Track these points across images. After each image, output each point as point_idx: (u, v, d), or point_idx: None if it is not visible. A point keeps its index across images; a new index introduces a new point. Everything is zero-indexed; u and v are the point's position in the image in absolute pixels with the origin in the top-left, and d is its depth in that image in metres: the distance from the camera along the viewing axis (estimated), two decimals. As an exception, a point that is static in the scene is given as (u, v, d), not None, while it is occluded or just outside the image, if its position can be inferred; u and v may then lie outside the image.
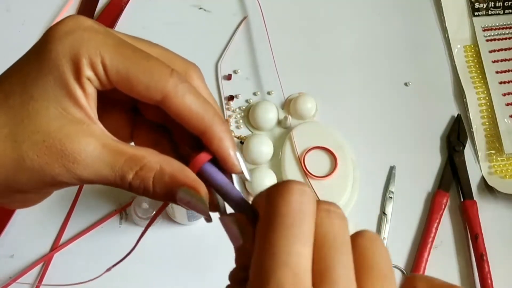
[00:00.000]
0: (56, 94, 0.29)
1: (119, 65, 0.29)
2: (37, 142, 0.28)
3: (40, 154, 0.28)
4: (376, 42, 0.70)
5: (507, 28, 0.71)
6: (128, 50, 0.29)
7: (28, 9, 0.68)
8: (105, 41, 0.29)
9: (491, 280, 0.57)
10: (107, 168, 0.29)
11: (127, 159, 0.29)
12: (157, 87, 0.29)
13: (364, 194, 0.62)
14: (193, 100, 0.30)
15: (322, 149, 0.62)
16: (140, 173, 0.29)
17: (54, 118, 0.29)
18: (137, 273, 0.56)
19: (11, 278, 0.55)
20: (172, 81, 0.29)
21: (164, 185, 0.29)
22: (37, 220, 0.58)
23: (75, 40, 0.29)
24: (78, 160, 0.29)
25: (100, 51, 0.29)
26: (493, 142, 0.65)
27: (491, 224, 0.61)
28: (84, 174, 0.29)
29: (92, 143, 0.29)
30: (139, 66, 0.29)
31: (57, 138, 0.28)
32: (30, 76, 0.29)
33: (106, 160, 0.29)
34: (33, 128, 0.28)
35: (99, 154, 0.29)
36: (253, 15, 0.69)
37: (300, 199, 0.25)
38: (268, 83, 0.66)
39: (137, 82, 0.29)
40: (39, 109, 0.28)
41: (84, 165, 0.29)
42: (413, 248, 0.60)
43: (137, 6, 0.68)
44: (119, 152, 0.29)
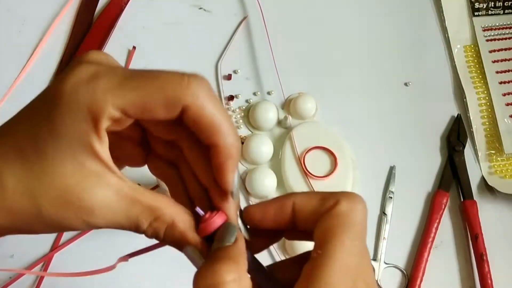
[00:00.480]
0: (72, 150, 0.29)
1: (132, 98, 0.28)
2: (54, 197, 0.29)
3: (58, 209, 0.29)
4: (376, 42, 0.70)
5: (507, 28, 0.71)
6: (135, 79, 0.29)
7: (28, 9, 0.68)
8: (110, 84, 0.28)
9: (491, 280, 0.57)
10: (123, 217, 0.30)
11: (143, 210, 0.31)
12: (175, 100, 0.29)
13: (364, 194, 0.61)
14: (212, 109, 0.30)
15: (322, 149, 0.62)
16: (154, 224, 0.31)
17: (71, 174, 0.29)
18: (137, 273, 0.56)
19: (11, 278, 0.55)
20: (190, 91, 0.29)
21: (173, 239, 0.32)
22: (37, 220, 0.58)
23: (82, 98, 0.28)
24: (95, 213, 0.29)
25: (110, 97, 0.28)
26: (493, 142, 0.65)
27: (491, 224, 0.61)
28: (100, 224, 0.30)
29: (109, 195, 0.30)
30: (150, 88, 0.29)
31: (74, 193, 0.29)
32: (43, 132, 0.29)
33: (122, 210, 0.30)
34: (49, 183, 0.29)
35: (116, 205, 0.30)
36: (253, 15, 0.69)
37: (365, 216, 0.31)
38: (268, 83, 0.66)
39: (155, 105, 0.29)
40: (55, 165, 0.29)
41: (101, 217, 0.30)
42: (413, 248, 0.60)
43: (137, 6, 0.68)
44: (135, 202, 0.30)
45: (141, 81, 0.29)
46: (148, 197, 0.31)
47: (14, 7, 0.68)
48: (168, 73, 0.29)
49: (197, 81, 0.29)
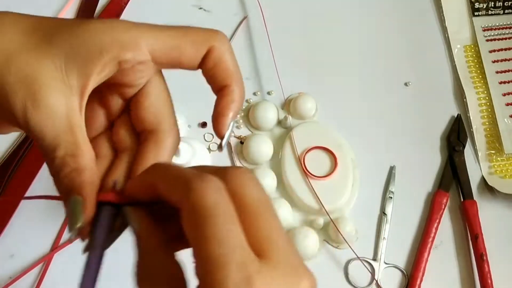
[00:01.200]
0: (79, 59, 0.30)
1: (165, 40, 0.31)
2: (22, 72, 0.30)
3: (16, 82, 0.29)
4: (376, 42, 0.70)
5: (507, 28, 0.71)
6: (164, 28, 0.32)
7: (28, 9, 0.67)
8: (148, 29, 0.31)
9: (491, 280, 0.57)
10: (52, 133, 0.30)
11: (72, 142, 0.30)
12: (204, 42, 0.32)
13: (364, 194, 0.61)
14: (232, 59, 0.33)
15: (322, 149, 0.62)
16: (67, 158, 0.30)
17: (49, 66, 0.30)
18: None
19: (11, 278, 0.55)
20: (220, 36, 0.33)
21: (70, 183, 0.30)
22: (37, 220, 0.58)
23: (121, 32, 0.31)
24: (38, 108, 0.29)
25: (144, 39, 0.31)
26: (493, 142, 0.65)
27: (491, 224, 0.61)
28: (32, 121, 0.30)
29: (61, 107, 0.30)
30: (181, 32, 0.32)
31: (38, 80, 0.30)
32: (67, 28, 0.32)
33: (58, 127, 0.30)
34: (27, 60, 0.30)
35: (57, 119, 0.30)
36: (253, 15, 0.69)
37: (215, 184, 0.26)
38: (268, 83, 0.66)
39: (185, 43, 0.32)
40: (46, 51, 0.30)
41: (39, 116, 0.30)
42: (413, 248, 0.60)
43: (137, 6, 0.68)
44: (72, 133, 0.30)
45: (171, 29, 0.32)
46: (85, 140, 0.31)
47: (14, 7, 0.68)
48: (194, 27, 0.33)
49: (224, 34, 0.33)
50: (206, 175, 0.26)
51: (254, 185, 0.27)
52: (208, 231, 0.25)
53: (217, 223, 0.25)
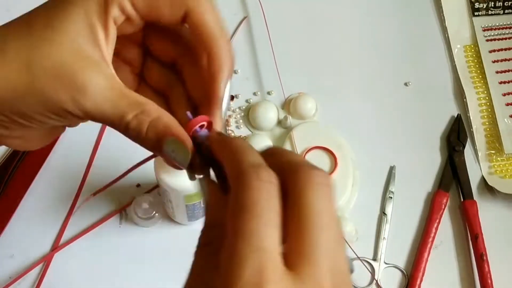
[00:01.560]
0: (77, 30, 0.30)
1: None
2: (51, 69, 0.30)
3: (51, 81, 0.30)
4: (376, 42, 0.70)
5: (507, 28, 0.71)
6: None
7: (28, 9, 0.68)
8: None
9: (491, 280, 0.57)
10: (111, 106, 0.31)
11: (130, 102, 0.31)
12: (181, 3, 0.31)
13: (364, 194, 0.61)
14: (211, 17, 0.32)
15: (322, 149, 0.62)
16: (139, 116, 0.31)
17: (71, 51, 0.30)
18: (137, 273, 0.56)
19: (11, 278, 0.55)
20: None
21: (156, 132, 0.31)
22: (37, 220, 0.58)
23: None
24: (85, 92, 0.30)
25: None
26: (493, 142, 0.65)
27: (491, 224, 0.61)
28: (88, 106, 0.30)
29: (102, 81, 0.30)
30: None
31: (70, 69, 0.30)
32: (56, 10, 0.31)
33: (111, 98, 0.31)
34: (49, 56, 0.30)
35: (106, 91, 0.30)
36: (253, 15, 0.69)
37: (269, 186, 0.25)
38: (268, 83, 0.66)
39: (162, 2, 0.31)
40: (59, 40, 0.30)
41: (90, 99, 0.30)
42: (413, 248, 0.60)
43: (137, 6, 0.68)
44: (125, 95, 0.31)
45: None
46: (137, 95, 0.32)
47: (14, 7, 0.68)
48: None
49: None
50: (265, 172, 0.26)
51: (321, 194, 0.25)
52: (240, 223, 0.25)
53: (251, 220, 0.24)
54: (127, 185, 0.59)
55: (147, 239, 0.58)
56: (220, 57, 0.33)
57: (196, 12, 0.32)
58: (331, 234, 0.25)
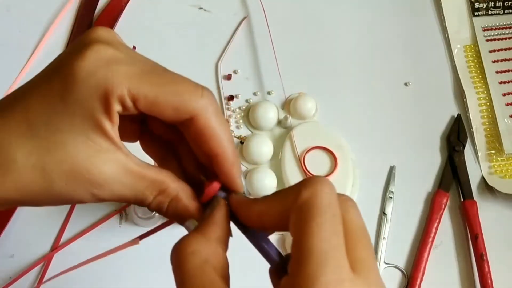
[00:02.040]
0: (83, 128, 0.30)
1: (147, 93, 0.30)
2: (65, 171, 0.30)
3: (68, 182, 0.30)
4: (376, 42, 0.70)
5: (507, 28, 0.71)
6: (154, 76, 0.30)
7: (28, 9, 0.68)
8: (129, 72, 0.30)
9: (491, 280, 0.57)
10: (129, 191, 0.31)
11: (149, 184, 0.32)
12: (187, 108, 0.30)
13: (364, 194, 0.62)
14: (218, 122, 0.32)
15: (322, 149, 0.62)
16: (158, 197, 0.32)
17: (81, 149, 0.30)
18: (137, 273, 0.56)
19: (11, 278, 0.55)
20: (203, 102, 0.31)
21: (176, 212, 0.33)
22: (37, 220, 0.58)
23: (100, 80, 0.29)
24: (103, 186, 0.30)
25: (127, 85, 0.29)
26: (493, 142, 0.65)
27: (491, 224, 0.61)
28: (107, 197, 0.31)
29: (117, 170, 0.31)
30: (167, 90, 0.30)
31: (84, 167, 0.30)
32: (55, 109, 0.29)
33: (129, 185, 0.31)
34: (60, 157, 0.29)
35: (123, 179, 0.31)
36: (253, 15, 0.69)
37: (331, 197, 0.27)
38: (268, 83, 0.66)
39: (166, 105, 0.30)
40: (66, 140, 0.29)
41: (108, 190, 0.31)
42: (413, 248, 0.60)
43: (137, 6, 0.68)
44: (142, 177, 0.31)
45: (160, 79, 0.30)
46: (153, 172, 0.32)
47: (14, 7, 0.68)
48: (185, 79, 0.31)
49: (210, 95, 0.31)
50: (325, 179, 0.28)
51: (356, 212, 0.29)
52: (316, 226, 0.26)
53: (327, 221, 0.26)
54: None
55: (147, 239, 0.57)
56: (229, 157, 0.33)
57: (203, 119, 0.31)
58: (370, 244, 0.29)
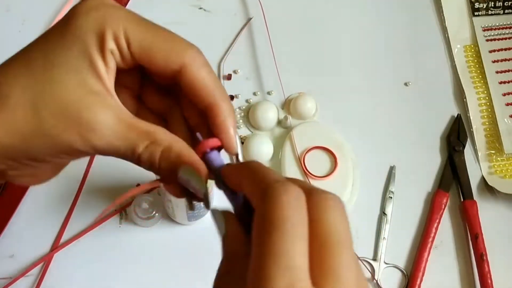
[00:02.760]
0: (78, 65, 0.30)
1: (141, 36, 0.31)
2: (57, 110, 0.29)
3: (59, 121, 0.29)
4: (376, 42, 0.70)
5: (507, 28, 0.71)
6: (149, 24, 0.31)
7: (28, 9, 0.68)
8: (127, 16, 0.31)
9: (491, 280, 0.57)
10: (120, 139, 0.30)
11: (140, 133, 0.31)
12: (177, 57, 0.31)
13: (364, 194, 0.62)
14: (207, 73, 0.32)
15: (322, 149, 0.62)
16: (150, 147, 0.31)
17: (74, 88, 0.30)
18: (137, 273, 0.56)
19: (11, 278, 0.55)
20: (191, 52, 0.31)
21: (169, 161, 0.31)
22: (37, 220, 0.58)
23: (99, 15, 0.30)
24: (94, 129, 0.30)
25: (123, 25, 0.30)
26: (493, 142, 0.65)
27: (491, 224, 0.61)
28: (98, 143, 0.30)
29: (109, 115, 0.30)
30: (160, 37, 0.31)
31: (75, 107, 0.29)
32: (54, 46, 0.30)
33: (120, 132, 0.30)
34: (53, 96, 0.29)
35: (114, 126, 0.30)
36: (254, 15, 0.69)
37: (296, 202, 0.25)
38: (268, 83, 0.66)
39: (158, 51, 0.31)
40: (60, 77, 0.30)
41: (99, 135, 0.30)
42: (413, 248, 0.60)
43: (137, 6, 0.68)
44: (133, 126, 0.31)
45: (154, 29, 0.31)
46: (145, 123, 0.31)
47: (14, 7, 0.68)
48: (176, 34, 0.32)
49: (198, 49, 0.32)
50: (292, 186, 0.25)
51: (336, 215, 0.26)
52: (269, 241, 0.24)
53: (281, 237, 0.24)
54: (127, 185, 0.59)
55: (147, 239, 0.58)
56: (223, 107, 0.32)
57: (191, 68, 0.31)
58: (351, 253, 0.26)
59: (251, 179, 0.27)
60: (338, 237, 0.25)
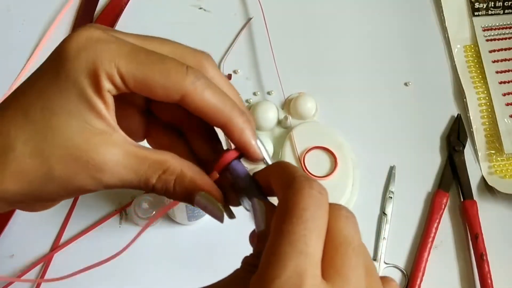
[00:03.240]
0: (78, 109, 0.29)
1: (135, 72, 0.29)
2: (64, 155, 0.29)
3: (68, 167, 0.29)
4: (376, 42, 0.70)
5: (507, 28, 0.71)
6: (142, 55, 0.30)
7: (28, 9, 0.68)
8: (118, 51, 0.29)
9: (491, 280, 0.57)
10: (132, 173, 0.30)
11: (151, 164, 0.31)
12: (175, 87, 0.30)
13: (364, 194, 0.62)
14: (211, 94, 0.31)
15: (322, 149, 0.62)
16: (163, 176, 0.31)
17: (78, 132, 0.29)
18: (137, 273, 0.56)
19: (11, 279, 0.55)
20: (189, 79, 0.30)
21: (184, 188, 0.31)
22: (37, 220, 0.58)
23: (90, 56, 0.29)
24: (104, 169, 0.30)
25: (115, 62, 0.29)
26: (493, 142, 0.65)
27: (491, 224, 0.61)
28: (110, 181, 0.30)
29: (116, 152, 0.30)
30: (154, 69, 0.30)
31: (83, 150, 0.29)
32: (49, 92, 0.29)
33: (131, 167, 0.30)
34: (58, 142, 0.29)
35: (124, 161, 0.30)
36: (254, 15, 0.69)
37: (320, 196, 0.26)
38: (268, 83, 0.66)
39: (154, 85, 0.30)
40: (62, 124, 0.29)
41: (110, 174, 0.30)
42: (413, 248, 0.60)
43: (137, 6, 0.68)
44: (143, 158, 0.31)
45: (148, 58, 0.30)
46: (154, 152, 0.31)
47: (14, 7, 0.68)
48: (171, 59, 0.31)
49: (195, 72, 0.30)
50: (318, 183, 0.27)
51: (348, 222, 0.27)
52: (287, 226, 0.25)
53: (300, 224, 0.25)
54: (127, 185, 0.59)
55: (147, 239, 0.58)
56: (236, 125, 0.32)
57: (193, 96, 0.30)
58: (360, 259, 0.27)
59: (280, 173, 0.28)
60: (352, 244, 0.26)
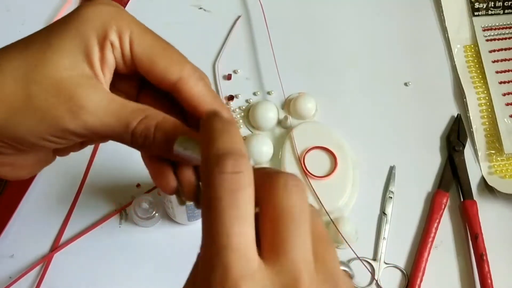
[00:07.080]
0: (73, 49, 0.30)
1: (146, 42, 0.32)
2: (48, 85, 0.30)
3: (49, 96, 0.29)
4: (376, 42, 0.70)
5: (507, 28, 0.71)
6: (154, 34, 0.33)
7: (28, 9, 0.68)
8: (136, 22, 0.32)
9: (491, 280, 0.57)
10: (113, 117, 0.30)
11: (133, 109, 0.31)
12: (176, 69, 0.31)
13: (364, 194, 0.61)
14: (204, 87, 0.32)
15: (322, 149, 0.62)
16: (144, 121, 0.31)
17: (68, 69, 0.30)
18: (137, 273, 0.56)
19: (11, 278, 0.55)
20: (190, 66, 0.32)
21: (164, 132, 0.30)
22: (37, 220, 0.58)
23: (109, 10, 0.31)
24: (85, 106, 0.30)
25: (130, 27, 0.31)
26: (493, 142, 0.65)
27: (491, 224, 0.61)
28: (90, 121, 0.30)
29: (100, 95, 0.30)
30: (162, 48, 0.32)
31: (67, 84, 0.30)
32: (54, 32, 0.31)
33: (112, 111, 0.30)
34: (45, 73, 0.30)
35: (106, 104, 0.30)
36: (253, 15, 0.69)
37: (233, 177, 0.24)
38: (268, 83, 0.66)
39: (159, 61, 0.31)
40: (55, 58, 0.30)
41: (90, 112, 0.30)
42: (413, 248, 0.60)
43: (137, 6, 0.68)
44: (125, 104, 0.31)
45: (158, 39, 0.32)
46: (138, 103, 0.32)
47: (14, 7, 0.68)
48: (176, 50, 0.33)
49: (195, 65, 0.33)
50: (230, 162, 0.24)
51: (286, 191, 0.25)
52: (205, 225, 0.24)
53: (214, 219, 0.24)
54: (127, 185, 0.59)
55: (147, 239, 0.58)
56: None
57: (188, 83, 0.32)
58: (304, 229, 0.25)
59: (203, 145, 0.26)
60: (291, 215, 0.25)
